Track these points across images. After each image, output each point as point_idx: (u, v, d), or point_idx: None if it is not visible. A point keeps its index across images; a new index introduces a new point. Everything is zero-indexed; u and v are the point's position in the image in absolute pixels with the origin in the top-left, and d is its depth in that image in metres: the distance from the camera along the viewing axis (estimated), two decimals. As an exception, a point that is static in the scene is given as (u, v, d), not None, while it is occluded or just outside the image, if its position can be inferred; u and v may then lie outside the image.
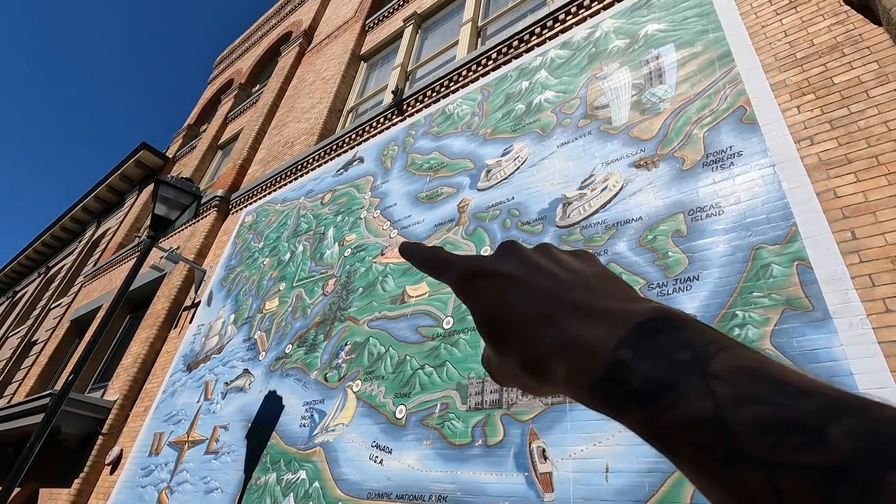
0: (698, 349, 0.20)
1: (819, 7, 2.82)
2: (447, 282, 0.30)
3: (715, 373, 0.18)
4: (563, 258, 0.28)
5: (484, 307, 0.27)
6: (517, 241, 0.30)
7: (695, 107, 2.99)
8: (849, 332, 1.91)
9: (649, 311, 0.22)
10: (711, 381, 0.18)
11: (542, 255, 0.28)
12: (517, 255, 0.28)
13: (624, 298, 0.24)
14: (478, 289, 0.27)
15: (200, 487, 4.18)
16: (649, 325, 0.21)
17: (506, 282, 0.27)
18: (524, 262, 0.28)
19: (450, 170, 4.32)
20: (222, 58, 15.00)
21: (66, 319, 10.73)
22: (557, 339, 0.23)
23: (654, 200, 2.81)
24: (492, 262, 0.28)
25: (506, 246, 0.30)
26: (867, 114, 2.33)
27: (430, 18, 7.24)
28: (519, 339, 0.25)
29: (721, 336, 0.20)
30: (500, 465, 2.53)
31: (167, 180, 4.78)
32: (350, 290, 4.34)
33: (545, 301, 0.25)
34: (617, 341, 0.21)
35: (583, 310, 0.23)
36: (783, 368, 0.18)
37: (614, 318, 0.22)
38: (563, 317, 0.23)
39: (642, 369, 0.20)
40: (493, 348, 0.27)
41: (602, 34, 3.97)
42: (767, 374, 0.18)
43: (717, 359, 0.19)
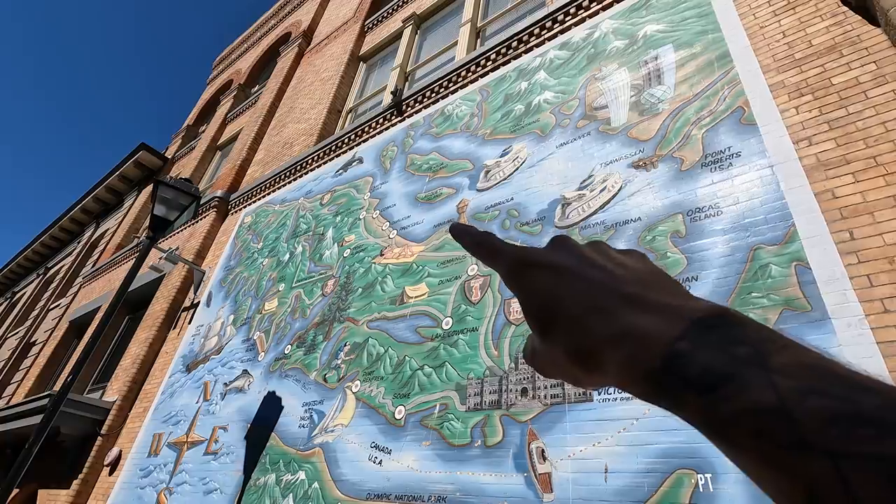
0: (758, 345, 0.20)
1: (817, 8, 2.82)
2: (498, 269, 0.30)
3: (776, 367, 0.19)
4: (616, 255, 0.28)
5: (536, 296, 0.27)
6: (569, 236, 0.30)
7: (693, 107, 2.99)
8: (847, 332, 1.92)
9: (707, 307, 0.22)
10: (773, 374, 0.18)
11: (594, 250, 0.29)
12: (571, 249, 0.29)
13: (679, 294, 0.24)
14: (531, 278, 0.28)
15: (199, 488, 4.18)
16: (707, 321, 0.21)
17: (560, 273, 0.27)
18: (578, 256, 0.28)
19: (449, 170, 4.33)
20: (221, 58, 15.00)
21: (64, 320, 10.72)
22: (613, 328, 0.23)
23: (652, 201, 2.82)
24: (545, 254, 0.29)
25: (559, 239, 0.30)
26: (865, 114, 2.34)
27: (429, 19, 7.25)
28: (571, 329, 0.25)
29: (780, 335, 0.20)
30: (500, 465, 2.53)
31: (166, 181, 4.78)
32: (349, 290, 4.34)
33: (600, 292, 0.25)
34: (675, 333, 0.21)
35: (638, 303, 0.24)
36: (843, 366, 0.19)
37: (671, 311, 0.23)
38: (617, 308, 0.24)
39: (701, 360, 0.20)
40: (541, 338, 0.27)
41: (601, 35, 3.97)
42: (829, 369, 0.18)
43: (777, 355, 0.19)
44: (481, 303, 3.22)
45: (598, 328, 0.24)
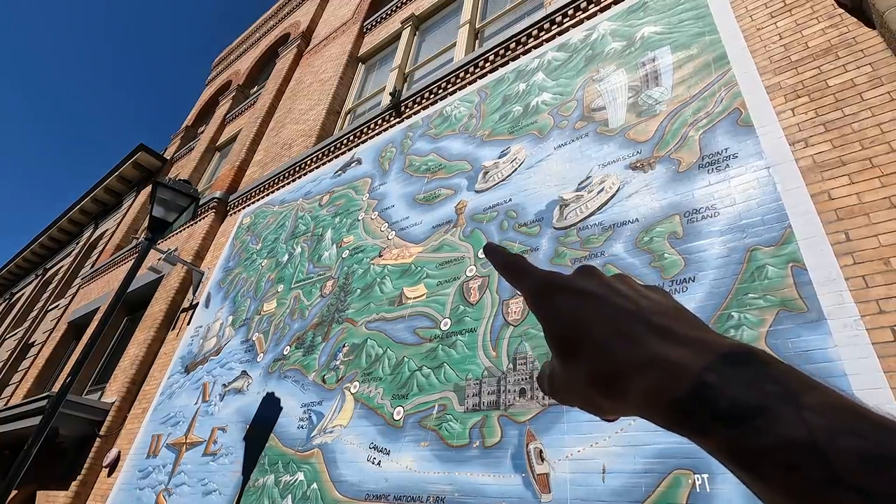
0: (787, 383, 0.20)
1: (813, 10, 2.84)
2: (524, 290, 0.30)
3: (807, 405, 0.19)
4: (641, 287, 0.29)
5: (560, 320, 0.27)
6: (594, 266, 0.30)
7: (691, 109, 3.00)
8: (843, 332, 1.93)
9: (734, 344, 0.23)
10: (804, 411, 0.19)
11: (620, 281, 0.29)
12: (597, 277, 0.29)
13: (704, 330, 0.25)
14: (556, 302, 0.28)
15: (198, 489, 4.18)
16: (735, 357, 0.22)
17: (586, 298, 0.27)
18: (604, 284, 0.28)
19: (447, 171, 4.33)
20: (220, 59, 15.00)
21: (63, 321, 10.71)
22: (640, 355, 0.23)
23: (650, 202, 2.83)
24: (572, 279, 0.29)
25: (585, 268, 0.30)
26: (861, 116, 2.35)
27: (427, 20, 7.26)
28: (596, 352, 0.25)
29: (808, 377, 0.21)
30: (498, 466, 2.54)
31: (165, 182, 4.79)
32: (348, 291, 4.35)
33: (627, 319, 0.25)
34: (703, 365, 0.22)
35: (665, 333, 0.24)
36: (870, 409, 0.19)
37: (698, 344, 0.23)
38: (644, 336, 0.24)
39: (730, 393, 0.20)
40: (562, 361, 0.27)
41: (599, 36, 3.99)
42: (859, 412, 0.19)
43: (807, 394, 0.20)
44: (480, 304, 3.23)
45: (624, 354, 0.24)
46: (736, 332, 2.16)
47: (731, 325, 2.19)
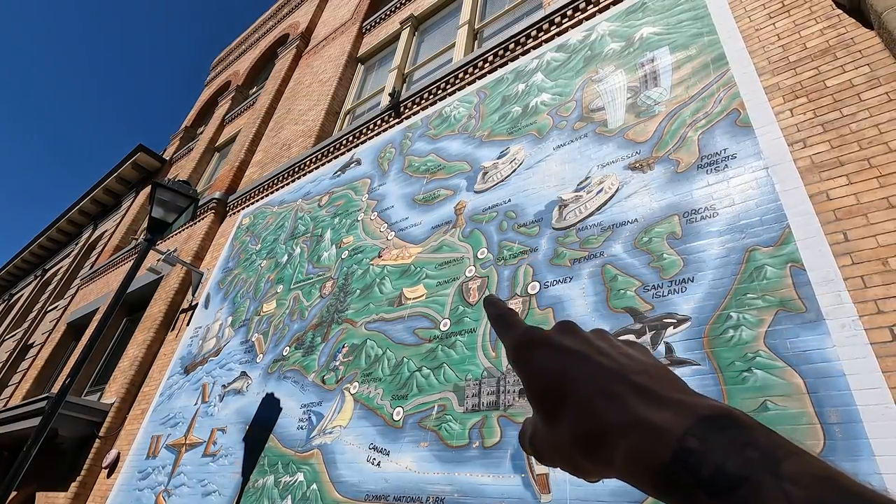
0: (767, 450, 0.20)
1: (812, 11, 2.84)
2: (506, 344, 0.30)
3: (788, 475, 0.19)
4: (620, 344, 0.29)
5: (542, 377, 0.27)
6: (574, 322, 0.30)
7: (689, 109, 3.01)
8: (841, 333, 1.93)
9: (715, 406, 0.23)
10: (784, 482, 0.19)
11: (599, 338, 0.29)
12: (575, 333, 0.29)
13: (684, 390, 0.25)
14: (537, 358, 0.28)
15: (198, 490, 4.18)
16: (717, 420, 0.22)
17: (568, 356, 0.27)
18: (585, 342, 0.28)
19: (447, 172, 4.34)
20: (219, 60, 15.00)
21: (62, 322, 10.70)
22: (623, 417, 0.23)
23: (649, 203, 2.83)
24: (551, 336, 0.29)
25: (564, 324, 0.30)
26: (859, 117, 2.35)
27: (426, 21, 7.26)
28: (579, 414, 0.25)
29: (787, 441, 0.21)
30: (498, 466, 2.54)
31: (164, 183, 4.79)
32: (347, 292, 4.35)
33: (608, 379, 0.25)
34: (685, 429, 0.22)
35: (647, 393, 0.24)
36: (851, 479, 0.19)
37: (679, 406, 0.23)
38: (627, 397, 0.24)
39: (713, 460, 0.20)
40: (545, 420, 0.26)
41: (598, 37, 3.99)
42: (837, 483, 0.19)
43: (787, 462, 0.20)
44: (479, 304, 3.23)
45: (607, 415, 0.24)
46: (735, 332, 2.17)
47: (729, 326, 2.20)
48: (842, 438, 1.76)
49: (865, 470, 1.68)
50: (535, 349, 0.28)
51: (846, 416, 1.79)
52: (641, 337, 2.44)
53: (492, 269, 3.33)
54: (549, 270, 3.02)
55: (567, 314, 2.77)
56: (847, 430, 1.77)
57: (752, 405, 1.98)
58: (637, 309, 2.53)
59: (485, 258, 3.43)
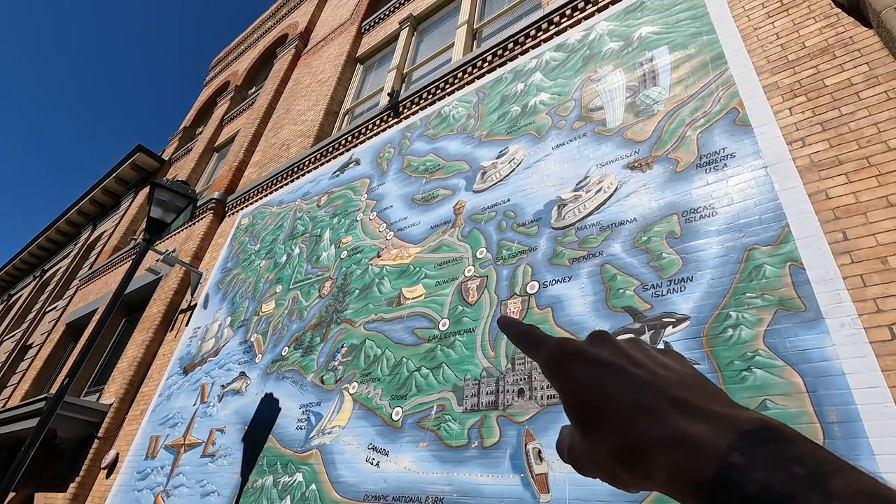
0: (814, 466, 0.20)
1: (810, 10, 2.84)
2: (539, 360, 0.30)
3: (835, 492, 0.18)
4: (655, 353, 0.28)
5: (578, 391, 0.26)
6: (608, 332, 0.30)
7: (688, 109, 3.01)
8: (840, 332, 1.93)
9: (756, 419, 0.22)
10: (833, 500, 0.18)
11: (634, 348, 0.28)
12: (611, 345, 0.28)
13: (724, 402, 0.24)
14: (572, 371, 0.27)
15: (197, 490, 4.17)
16: (759, 434, 0.21)
17: (603, 368, 0.26)
18: (620, 352, 0.27)
19: (445, 172, 4.33)
20: (218, 60, 14.99)
21: (61, 323, 10.69)
22: (662, 432, 0.23)
23: (648, 202, 2.83)
24: (585, 347, 0.28)
25: (598, 334, 0.30)
26: (858, 115, 2.35)
27: (425, 21, 7.26)
28: (617, 428, 0.24)
29: (833, 455, 0.20)
30: (497, 466, 2.54)
31: (162, 183, 4.78)
32: (346, 292, 4.34)
33: (646, 392, 0.24)
34: (727, 444, 0.21)
35: (685, 407, 0.23)
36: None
37: (720, 419, 0.22)
38: (665, 410, 0.23)
39: (759, 478, 0.20)
40: (583, 434, 0.26)
41: (596, 36, 3.99)
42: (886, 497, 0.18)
43: (834, 479, 0.19)
44: (478, 304, 3.23)
45: (646, 429, 0.23)
46: (734, 331, 2.17)
47: (728, 325, 2.19)
48: (841, 437, 1.76)
49: (865, 469, 1.67)
50: (569, 361, 0.28)
51: (845, 415, 1.79)
52: (641, 336, 2.43)
53: (491, 269, 3.33)
54: (548, 270, 3.02)
55: (566, 313, 2.77)
56: (846, 429, 1.77)
57: (752, 404, 1.98)
58: (636, 308, 2.52)
59: (484, 258, 3.43)
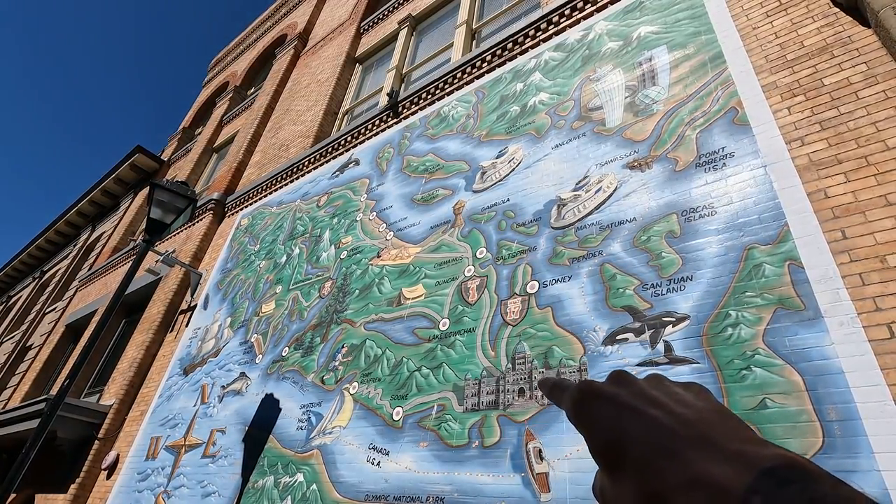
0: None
1: (809, 9, 2.85)
2: (564, 406, 0.30)
3: None
4: (677, 390, 0.28)
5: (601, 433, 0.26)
6: (627, 371, 0.30)
7: (687, 108, 3.01)
8: (839, 330, 1.93)
9: (777, 457, 0.22)
10: None
11: (655, 386, 0.28)
12: (631, 385, 0.28)
13: (745, 439, 0.24)
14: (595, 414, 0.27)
15: (197, 491, 4.17)
16: (780, 473, 0.21)
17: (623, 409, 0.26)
18: (639, 393, 0.27)
19: (445, 172, 4.34)
20: (217, 60, 14.98)
21: (60, 324, 10.68)
22: (681, 475, 0.22)
23: (647, 201, 2.83)
24: (605, 388, 0.28)
25: (618, 375, 0.30)
26: (856, 115, 2.36)
27: (424, 21, 7.26)
28: (639, 471, 0.24)
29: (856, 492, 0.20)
30: (497, 465, 2.54)
31: (162, 184, 4.78)
32: (346, 292, 4.35)
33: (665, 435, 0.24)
34: (746, 486, 0.21)
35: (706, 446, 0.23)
36: None
37: (739, 459, 0.22)
38: (685, 452, 0.23)
39: None
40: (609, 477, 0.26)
41: (595, 36, 3.99)
42: None
43: None
44: (478, 304, 3.23)
45: (666, 474, 0.23)
46: (733, 330, 2.17)
47: (728, 324, 2.20)
48: (841, 436, 1.77)
49: (865, 467, 1.68)
50: (590, 404, 0.28)
51: (845, 413, 1.79)
52: (640, 335, 2.44)
53: (491, 269, 3.33)
54: (547, 269, 3.03)
55: (566, 313, 2.77)
56: (846, 427, 1.77)
57: (752, 403, 1.99)
58: (636, 307, 2.53)
59: (484, 258, 3.43)
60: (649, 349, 2.37)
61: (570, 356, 2.62)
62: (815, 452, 1.79)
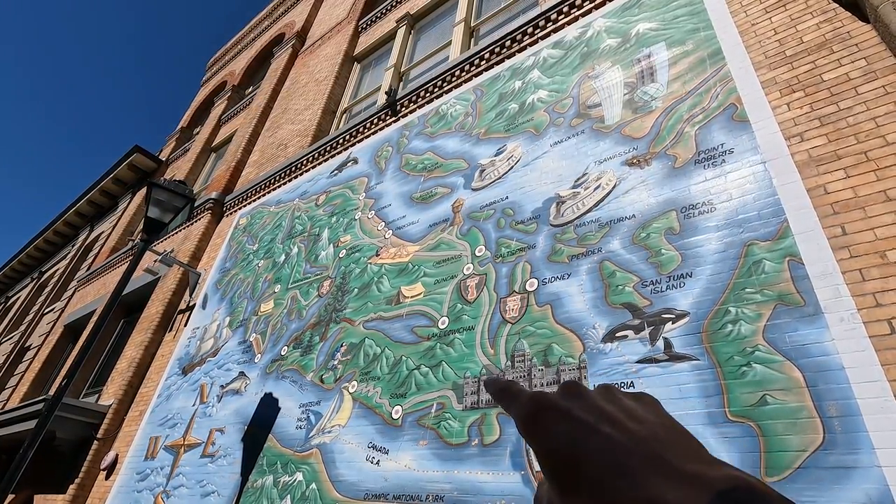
0: None
1: (808, 5, 2.84)
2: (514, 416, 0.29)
3: None
4: (629, 404, 0.28)
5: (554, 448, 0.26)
6: (580, 382, 0.29)
7: (686, 105, 3.00)
8: (839, 326, 1.93)
9: (731, 479, 0.22)
10: None
11: (606, 400, 0.28)
12: (582, 398, 0.28)
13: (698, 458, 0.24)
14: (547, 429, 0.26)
15: (197, 491, 4.16)
16: (735, 496, 0.21)
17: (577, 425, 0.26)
18: (593, 407, 0.27)
19: (444, 170, 4.33)
20: (215, 60, 14.95)
21: (59, 324, 10.66)
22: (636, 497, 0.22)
23: (646, 198, 2.83)
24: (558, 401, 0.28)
25: (571, 387, 0.29)
26: (855, 110, 2.35)
27: (422, 19, 7.25)
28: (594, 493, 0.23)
29: None
30: (497, 464, 2.53)
31: (160, 183, 4.76)
32: (345, 291, 4.34)
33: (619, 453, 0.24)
34: None
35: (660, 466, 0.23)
36: None
37: (693, 481, 0.22)
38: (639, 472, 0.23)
39: None
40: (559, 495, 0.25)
41: (594, 33, 3.98)
42: None
43: None
44: (477, 301, 3.22)
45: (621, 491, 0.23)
46: (733, 326, 2.16)
47: (728, 320, 2.19)
48: (841, 432, 1.76)
49: (865, 463, 1.67)
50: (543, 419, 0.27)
51: (845, 409, 1.79)
52: (640, 333, 2.43)
53: (490, 267, 3.32)
54: (547, 267, 3.02)
55: (565, 310, 2.76)
56: (846, 423, 1.77)
57: (752, 399, 1.98)
58: (635, 304, 2.52)
59: (483, 256, 3.43)
60: (649, 346, 2.37)
61: (569, 354, 2.62)
62: (815, 449, 1.78)
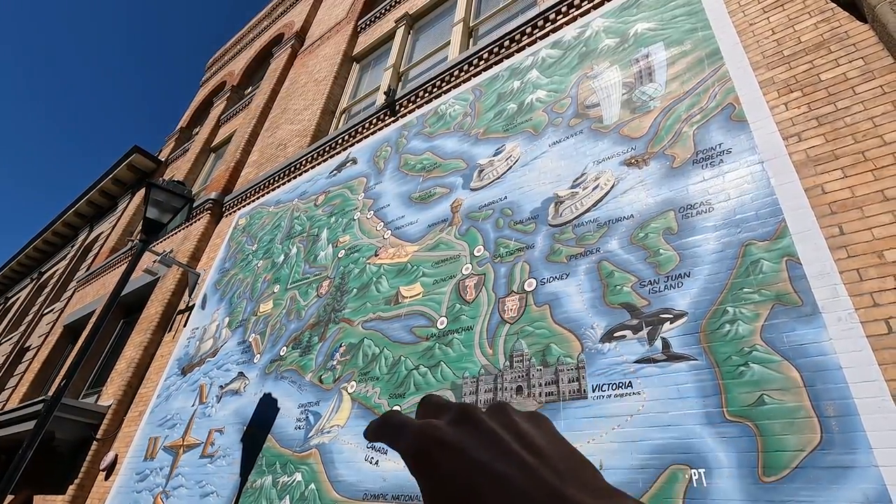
0: None
1: (806, 5, 2.84)
2: (400, 451, 0.26)
3: None
4: (524, 428, 0.27)
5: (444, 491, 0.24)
6: (475, 406, 0.28)
7: (684, 105, 3.01)
8: (837, 326, 1.93)
9: None
10: None
11: (502, 425, 0.27)
12: (476, 426, 0.26)
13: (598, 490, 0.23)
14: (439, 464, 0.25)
15: (196, 491, 4.17)
16: None
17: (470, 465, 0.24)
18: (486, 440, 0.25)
19: (442, 170, 4.33)
20: (214, 60, 14.94)
21: (58, 325, 10.65)
22: None
23: (645, 198, 2.83)
24: (449, 433, 0.26)
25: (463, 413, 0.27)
26: (853, 110, 2.35)
27: (421, 19, 7.25)
28: None
29: None
30: (495, 464, 2.53)
31: (158, 183, 4.76)
32: (344, 291, 4.34)
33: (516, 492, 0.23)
34: None
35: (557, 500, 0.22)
36: None
37: None
38: None
39: None
40: None
41: (592, 33, 3.99)
42: None
43: None
44: (476, 302, 3.22)
45: None
46: (731, 326, 2.17)
47: (726, 320, 2.19)
48: (839, 432, 1.76)
49: (862, 463, 1.68)
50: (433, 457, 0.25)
51: (843, 409, 1.79)
52: (638, 332, 2.44)
53: (488, 267, 3.33)
54: (545, 267, 3.02)
55: (564, 310, 2.77)
56: (844, 423, 1.77)
57: (750, 399, 1.98)
58: (633, 304, 2.52)
59: (481, 256, 3.43)
60: (647, 346, 2.37)
61: (567, 354, 2.62)
62: (813, 448, 1.78)
